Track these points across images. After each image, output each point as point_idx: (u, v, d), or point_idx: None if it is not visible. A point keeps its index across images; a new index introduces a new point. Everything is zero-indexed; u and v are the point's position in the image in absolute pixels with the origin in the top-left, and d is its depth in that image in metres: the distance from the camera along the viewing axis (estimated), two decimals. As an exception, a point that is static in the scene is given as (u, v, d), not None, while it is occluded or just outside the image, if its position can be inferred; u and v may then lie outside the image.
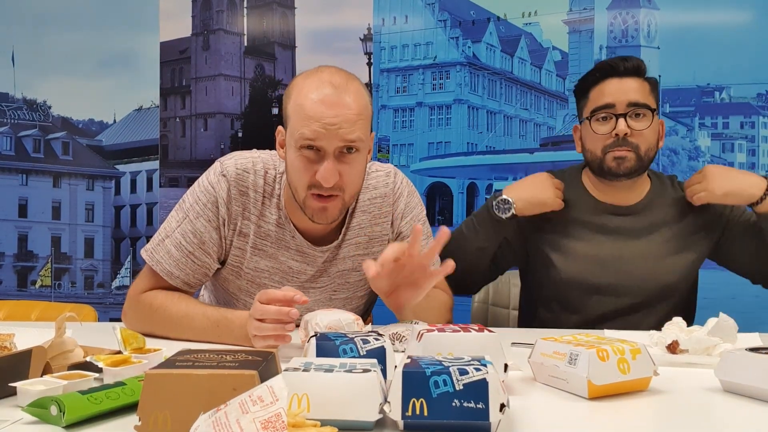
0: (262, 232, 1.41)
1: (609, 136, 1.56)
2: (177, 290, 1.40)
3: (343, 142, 1.26)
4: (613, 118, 1.55)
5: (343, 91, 1.27)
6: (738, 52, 2.81)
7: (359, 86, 1.32)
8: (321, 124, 1.24)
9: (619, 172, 1.56)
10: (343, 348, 0.92)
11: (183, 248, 1.38)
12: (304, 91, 1.28)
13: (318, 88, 1.27)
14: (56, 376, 0.89)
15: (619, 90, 1.56)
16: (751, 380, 0.91)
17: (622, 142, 1.54)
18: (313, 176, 1.27)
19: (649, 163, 1.61)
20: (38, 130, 3.22)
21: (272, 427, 0.59)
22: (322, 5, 3.11)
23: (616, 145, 1.55)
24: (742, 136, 2.88)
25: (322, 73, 1.30)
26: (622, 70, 1.57)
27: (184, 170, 3.14)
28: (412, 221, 1.49)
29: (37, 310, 1.81)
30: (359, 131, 1.27)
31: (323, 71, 1.31)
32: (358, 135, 1.27)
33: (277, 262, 1.44)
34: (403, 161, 3.04)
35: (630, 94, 1.55)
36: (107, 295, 3.21)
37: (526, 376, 1.03)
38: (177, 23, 3.18)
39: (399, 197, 1.49)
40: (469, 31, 3.02)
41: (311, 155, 1.27)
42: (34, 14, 3.20)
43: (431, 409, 0.73)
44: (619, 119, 1.54)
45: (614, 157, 1.55)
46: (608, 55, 2.93)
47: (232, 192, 1.38)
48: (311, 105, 1.26)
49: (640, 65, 1.59)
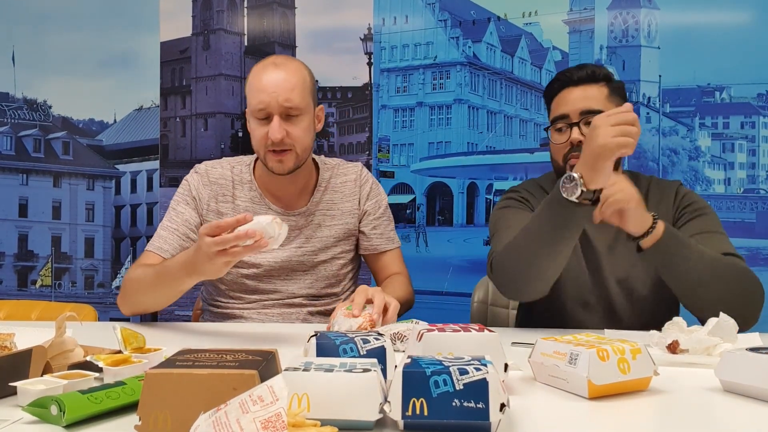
0: (239, 210, 1.70)
1: (566, 144, 1.58)
2: None
3: (284, 105, 1.58)
4: (569, 128, 1.58)
5: (281, 67, 1.62)
6: (738, 52, 2.81)
7: (299, 65, 1.68)
8: (266, 93, 1.58)
9: None
10: (343, 348, 0.92)
11: (169, 227, 1.68)
12: (253, 72, 1.65)
13: (264, 68, 1.63)
14: (56, 375, 0.89)
15: (574, 99, 1.58)
16: (752, 380, 0.91)
17: (577, 149, 1.54)
18: (266, 136, 1.60)
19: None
20: (38, 129, 3.22)
21: (272, 427, 0.59)
22: (323, 5, 3.11)
23: (572, 152, 1.56)
24: (743, 136, 2.88)
25: (268, 58, 1.67)
26: (575, 80, 1.59)
27: (184, 170, 3.12)
28: (376, 204, 1.81)
29: (37, 310, 1.81)
30: (297, 98, 1.59)
31: (270, 57, 1.69)
32: (297, 101, 1.59)
33: None
34: (403, 161, 3.04)
35: (583, 102, 1.57)
36: (107, 294, 3.21)
37: (526, 376, 1.03)
38: (177, 23, 3.18)
39: (365, 182, 1.82)
40: (470, 31, 3.02)
41: (263, 121, 1.61)
42: (34, 14, 3.20)
43: (431, 409, 0.73)
44: (573, 128, 1.57)
45: (570, 165, 1.56)
46: (608, 55, 2.94)
47: (203, 180, 1.74)
48: (257, 81, 1.61)
49: (596, 71, 1.60)
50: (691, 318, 1.39)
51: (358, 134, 3.09)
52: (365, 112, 3.07)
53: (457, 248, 2.99)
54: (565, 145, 1.59)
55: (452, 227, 3.04)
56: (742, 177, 2.88)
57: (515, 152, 2.97)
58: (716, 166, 2.89)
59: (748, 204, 2.86)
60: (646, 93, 2.90)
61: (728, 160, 2.88)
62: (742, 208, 2.85)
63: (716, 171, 2.89)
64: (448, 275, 2.93)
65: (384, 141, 3.05)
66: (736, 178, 2.88)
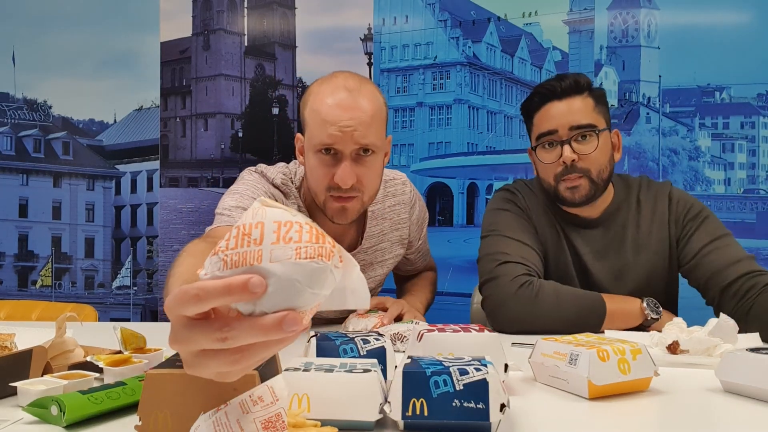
0: None
1: (557, 164, 1.52)
2: None
3: (358, 145, 1.29)
4: (558, 145, 1.51)
5: (357, 94, 1.30)
6: (738, 52, 2.81)
7: (373, 89, 1.36)
8: (337, 128, 1.28)
9: (575, 201, 1.53)
10: (344, 348, 0.92)
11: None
12: (320, 96, 1.31)
13: (333, 92, 1.30)
14: (56, 375, 0.89)
15: (560, 113, 1.51)
16: (752, 381, 0.91)
17: (571, 170, 1.50)
18: (332, 179, 1.30)
19: (606, 183, 1.55)
20: (39, 130, 3.22)
21: (272, 427, 0.59)
22: (323, 5, 3.11)
23: (566, 173, 1.51)
24: (742, 136, 2.88)
25: (336, 79, 1.33)
26: (559, 92, 1.52)
27: (184, 170, 3.14)
28: (421, 226, 1.64)
29: (37, 310, 1.81)
30: (374, 133, 1.31)
31: (338, 76, 1.34)
32: (374, 137, 1.31)
33: None
34: (403, 161, 3.04)
35: (572, 116, 1.50)
36: (108, 295, 3.21)
37: (527, 376, 1.03)
38: (177, 23, 3.18)
39: (414, 204, 1.60)
40: (470, 31, 3.02)
41: (329, 158, 1.31)
42: (35, 14, 3.20)
43: (431, 409, 0.73)
44: (564, 146, 1.50)
45: (567, 187, 1.52)
46: (608, 56, 2.94)
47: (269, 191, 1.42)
48: (327, 109, 1.29)
49: (579, 80, 1.53)
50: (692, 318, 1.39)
51: (358, 134, 3.08)
52: (365, 113, 3.06)
53: (457, 249, 2.99)
54: (557, 164, 1.52)
55: (452, 227, 3.04)
56: (742, 177, 2.88)
57: (515, 152, 2.98)
58: (716, 167, 2.89)
59: (748, 204, 2.86)
60: (646, 93, 2.90)
61: (728, 161, 2.88)
62: (742, 209, 2.85)
63: (716, 171, 2.89)
64: (448, 276, 2.93)
65: (384, 141, 3.05)
66: (736, 179, 2.88)
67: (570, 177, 1.51)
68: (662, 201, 1.60)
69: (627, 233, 1.59)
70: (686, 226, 1.56)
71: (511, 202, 1.64)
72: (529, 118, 1.60)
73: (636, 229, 1.59)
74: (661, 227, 1.58)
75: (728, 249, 1.50)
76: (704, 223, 1.55)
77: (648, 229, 1.58)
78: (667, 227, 1.58)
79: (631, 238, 1.59)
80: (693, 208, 1.58)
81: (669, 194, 1.61)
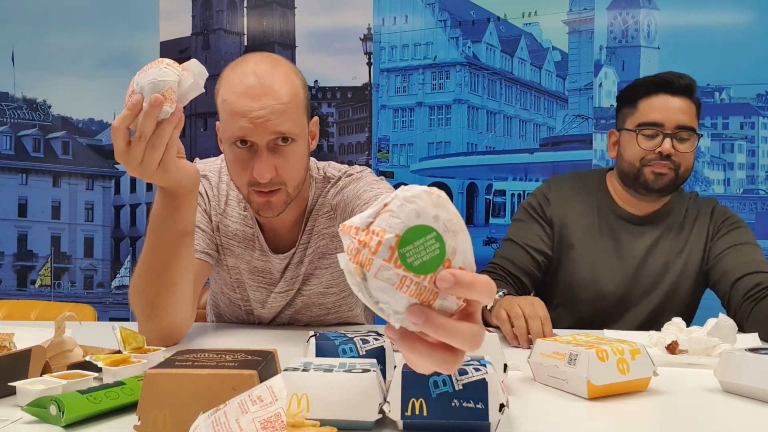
0: (230, 232, 1.41)
1: (652, 151, 1.56)
2: None
3: (274, 134, 1.19)
4: (660, 136, 1.56)
5: (268, 79, 1.18)
6: (738, 52, 2.82)
7: (287, 71, 1.23)
8: (248, 119, 1.17)
9: (656, 186, 1.58)
10: (343, 348, 0.92)
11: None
12: (229, 84, 1.20)
13: (242, 80, 1.19)
14: (56, 375, 0.89)
15: (669, 109, 1.55)
16: (751, 380, 0.91)
17: (664, 158, 1.55)
18: (251, 174, 1.21)
19: (683, 183, 1.62)
20: (38, 129, 3.22)
21: (272, 427, 0.59)
22: (322, 5, 3.11)
23: (658, 159, 1.56)
24: (742, 136, 2.88)
25: (246, 64, 1.21)
26: (676, 88, 1.56)
27: (183, 170, 3.14)
28: None
29: (36, 310, 1.81)
30: (291, 120, 1.20)
31: (248, 60, 1.22)
32: (290, 124, 1.20)
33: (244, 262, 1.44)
34: (403, 161, 3.04)
35: (679, 115, 1.55)
36: (107, 294, 3.21)
37: (526, 376, 1.03)
38: (177, 23, 3.18)
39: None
40: (469, 31, 3.02)
41: (245, 151, 1.21)
42: (34, 14, 3.20)
43: (431, 409, 0.73)
44: (666, 138, 1.55)
45: (653, 171, 1.56)
46: (608, 56, 2.94)
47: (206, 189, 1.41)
48: (236, 99, 1.18)
49: (692, 85, 1.58)
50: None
51: (357, 134, 3.09)
52: (365, 113, 3.07)
53: (456, 248, 2.98)
54: (652, 151, 1.56)
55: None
56: (741, 177, 2.88)
57: (515, 152, 2.98)
58: (716, 167, 2.90)
59: (747, 204, 2.86)
60: (646, 93, 2.90)
61: (728, 161, 2.89)
62: (742, 209, 2.85)
63: (716, 171, 2.90)
64: (447, 275, 2.92)
65: (383, 141, 3.05)
66: (735, 179, 2.88)
67: (660, 163, 1.56)
68: (705, 212, 1.67)
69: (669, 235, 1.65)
70: (720, 230, 1.63)
71: (524, 209, 1.72)
72: (632, 102, 1.61)
73: (678, 232, 1.65)
74: (700, 232, 1.64)
75: (751, 253, 1.55)
76: (737, 230, 1.61)
77: (686, 237, 1.65)
78: (705, 232, 1.64)
79: (672, 239, 1.64)
80: (731, 217, 1.65)
81: (713, 207, 1.68)
